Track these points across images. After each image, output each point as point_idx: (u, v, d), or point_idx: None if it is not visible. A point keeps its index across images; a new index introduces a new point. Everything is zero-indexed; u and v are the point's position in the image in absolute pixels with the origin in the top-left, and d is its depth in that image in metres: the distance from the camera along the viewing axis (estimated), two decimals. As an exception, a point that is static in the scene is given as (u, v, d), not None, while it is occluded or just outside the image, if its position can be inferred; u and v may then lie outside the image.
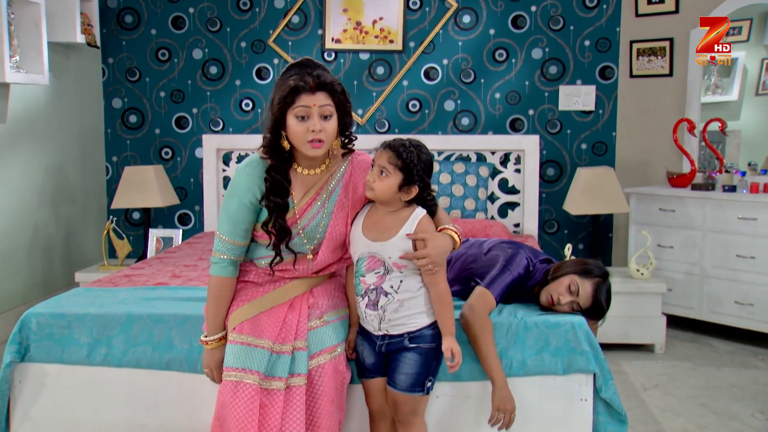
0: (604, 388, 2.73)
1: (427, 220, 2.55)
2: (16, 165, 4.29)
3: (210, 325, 2.58)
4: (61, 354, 2.79)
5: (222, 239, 2.55)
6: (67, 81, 4.83)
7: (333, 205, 2.58)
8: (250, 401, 2.40)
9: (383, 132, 5.22)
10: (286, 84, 2.44)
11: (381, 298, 2.50)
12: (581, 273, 2.87)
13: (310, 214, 2.56)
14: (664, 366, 4.22)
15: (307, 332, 2.53)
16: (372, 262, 2.51)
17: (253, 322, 2.52)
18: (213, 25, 5.25)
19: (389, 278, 2.49)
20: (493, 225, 4.47)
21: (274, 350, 2.48)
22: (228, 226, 2.54)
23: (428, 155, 2.54)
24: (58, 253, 4.74)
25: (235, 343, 2.48)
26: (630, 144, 5.22)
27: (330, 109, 2.44)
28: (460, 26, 5.20)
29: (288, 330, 2.52)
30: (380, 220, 2.55)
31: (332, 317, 2.60)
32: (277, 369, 2.46)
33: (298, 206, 2.55)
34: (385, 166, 2.46)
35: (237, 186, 2.54)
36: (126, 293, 3.13)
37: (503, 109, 5.22)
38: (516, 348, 2.74)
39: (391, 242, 2.49)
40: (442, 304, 2.53)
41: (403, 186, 2.47)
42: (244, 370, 2.43)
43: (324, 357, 2.52)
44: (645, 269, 4.47)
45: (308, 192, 2.56)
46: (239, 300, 2.58)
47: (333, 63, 5.23)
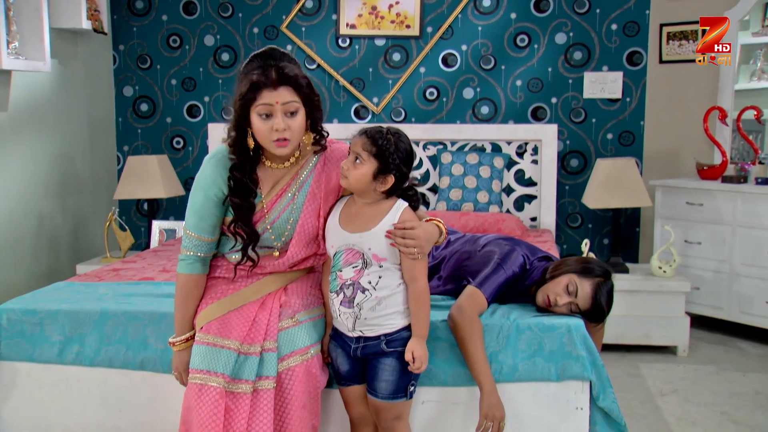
0: (602, 396, 2.56)
1: (410, 212, 2.39)
2: (20, 154, 4.21)
3: (177, 325, 2.45)
4: (32, 352, 2.70)
5: (188, 235, 2.41)
6: (74, 68, 4.74)
7: (303, 198, 2.43)
8: (215, 405, 2.27)
9: (399, 121, 5.03)
10: (247, 79, 2.27)
11: (357, 294, 2.33)
12: (581, 272, 2.68)
13: (279, 208, 2.42)
14: (685, 370, 3.97)
15: (277, 332, 2.38)
16: (350, 255, 2.34)
17: (222, 321, 2.38)
18: (225, 11, 5.11)
19: (368, 273, 2.33)
20: (505, 219, 4.26)
21: (241, 351, 2.34)
22: (194, 221, 2.40)
23: (407, 144, 2.37)
24: (64, 244, 4.66)
25: (201, 344, 2.35)
26: (659, 134, 4.94)
27: (295, 105, 2.28)
28: (480, 10, 4.98)
29: (257, 330, 2.37)
30: (359, 212, 2.38)
31: (305, 317, 2.44)
32: (244, 371, 2.32)
33: (266, 200, 2.41)
34: (359, 153, 2.30)
35: (202, 179, 2.39)
36: (106, 288, 3.02)
37: (525, 97, 4.99)
38: (507, 352, 2.58)
39: (372, 232, 2.32)
40: (420, 303, 2.36)
41: (378, 175, 2.30)
42: (208, 373, 2.30)
43: (295, 359, 2.36)
44: (668, 266, 4.21)
45: (277, 184, 2.42)
46: (208, 298, 2.44)
47: (348, 49, 5.05)
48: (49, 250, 4.52)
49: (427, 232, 2.34)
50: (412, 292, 2.35)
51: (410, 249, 2.30)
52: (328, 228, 2.42)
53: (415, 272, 2.34)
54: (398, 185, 2.34)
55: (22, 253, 4.27)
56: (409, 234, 2.29)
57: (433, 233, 2.38)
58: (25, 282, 4.26)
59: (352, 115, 5.09)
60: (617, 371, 3.94)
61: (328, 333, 2.48)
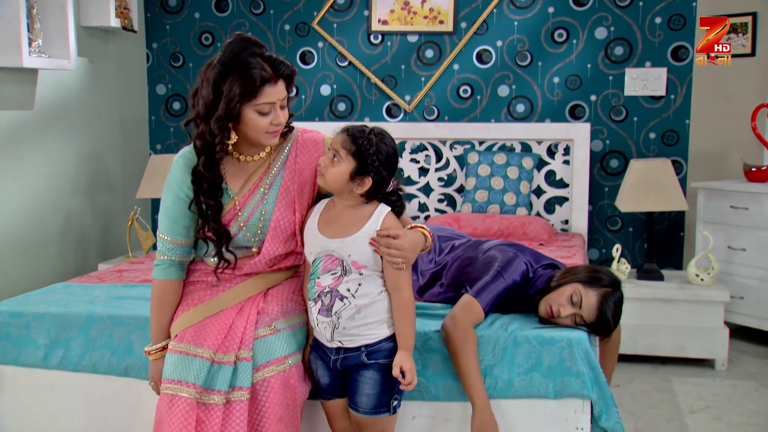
0: (605, 416, 2.39)
1: (393, 218, 2.26)
2: (47, 151, 4.23)
3: (153, 333, 2.37)
4: (17, 356, 2.66)
5: (162, 239, 2.33)
6: (105, 66, 4.75)
7: (276, 193, 2.32)
8: (185, 417, 2.18)
9: (432, 120, 4.88)
10: (245, 75, 2.15)
11: (336, 302, 2.22)
12: (586, 282, 2.53)
13: (252, 205, 2.32)
14: (722, 385, 3.73)
15: (253, 341, 2.27)
16: (329, 262, 2.23)
17: (197, 328, 2.28)
18: (256, 8, 5.06)
19: (347, 280, 2.21)
20: (532, 222, 4.08)
21: (215, 360, 2.24)
22: (166, 223, 2.32)
23: (391, 147, 2.24)
24: (93, 242, 4.68)
25: (174, 352, 2.26)
26: (705, 133, 4.67)
27: (287, 97, 2.25)
28: (516, 5, 4.79)
29: (233, 338, 2.27)
30: (338, 216, 2.27)
31: (283, 325, 2.33)
32: (217, 381, 2.23)
33: (239, 197, 2.31)
34: (338, 151, 2.19)
35: (172, 179, 2.32)
36: (101, 291, 2.97)
37: (562, 95, 4.78)
38: (502, 366, 2.43)
39: (353, 238, 2.21)
40: (405, 314, 2.23)
41: (356, 176, 2.18)
42: (180, 383, 2.21)
43: (270, 369, 2.26)
44: (706, 274, 3.96)
45: (249, 180, 2.32)
46: (185, 304, 2.35)
47: (380, 46, 4.94)
48: (77, 248, 4.53)
49: (412, 241, 2.21)
50: (396, 302, 2.23)
51: (395, 259, 2.18)
52: (306, 232, 2.32)
53: (399, 282, 2.22)
54: (378, 189, 2.22)
55: (50, 251, 4.29)
56: (394, 244, 2.17)
57: (418, 242, 2.26)
58: (52, 280, 4.28)
59: (383, 113, 4.97)
60: (647, 385, 3.73)
61: (309, 343, 2.38)
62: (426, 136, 4.73)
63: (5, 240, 3.91)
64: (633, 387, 3.71)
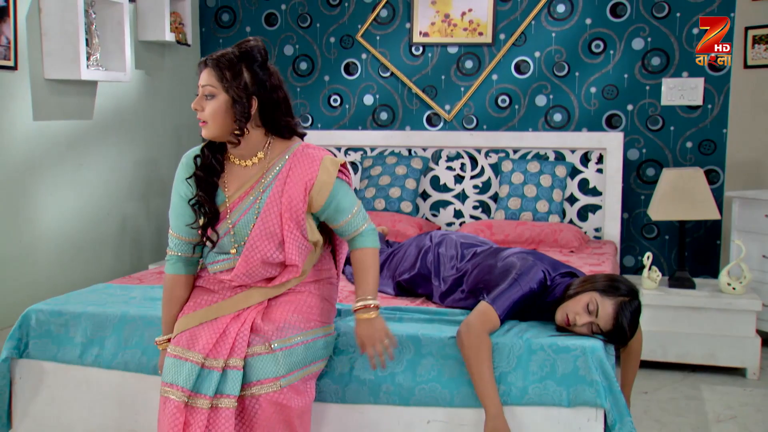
0: (619, 425, 2.41)
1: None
2: (105, 158, 4.49)
3: (163, 325, 2.50)
4: (56, 352, 2.80)
5: (170, 234, 2.47)
6: (160, 78, 5.01)
7: (263, 203, 2.38)
8: (173, 419, 2.26)
9: (471, 128, 5.01)
10: None
11: None
12: (603, 290, 2.58)
13: (242, 209, 2.39)
14: (752, 394, 3.77)
15: (245, 350, 2.33)
16: None
17: (192, 332, 2.37)
18: (303, 21, 5.26)
19: None
20: (563, 229, 4.18)
21: (205, 365, 2.32)
22: (173, 220, 2.46)
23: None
24: (147, 244, 4.94)
25: (169, 356, 2.36)
26: (743, 142, 4.70)
27: (210, 89, 2.30)
28: (554, 16, 4.89)
29: (224, 343, 2.33)
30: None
31: (279, 345, 2.34)
32: (203, 386, 2.29)
33: (231, 200, 2.39)
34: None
35: (176, 178, 2.48)
36: (138, 292, 3.11)
37: (599, 105, 4.86)
38: (516, 373, 2.49)
39: None
40: None
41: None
42: (171, 385, 2.30)
43: (260, 388, 2.30)
44: (737, 283, 4.01)
45: (242, 186, 2.40)
46: (188, 307, 2.44)
47: (421, 57, 5.08)
48: (133, 249, 4.79)
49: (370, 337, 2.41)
50: None
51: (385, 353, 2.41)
52: None
53: None
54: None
55: (106, 252, 4.55)
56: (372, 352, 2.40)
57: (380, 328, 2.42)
58: (109, 279, 4.55)
59: (424, 122, 5.12)
60: (675, 393, 3.80)
61: None
62: (461, 145, 4.88)
63: (66, 241, 4.18)
64: (661, 394, 3.78)
